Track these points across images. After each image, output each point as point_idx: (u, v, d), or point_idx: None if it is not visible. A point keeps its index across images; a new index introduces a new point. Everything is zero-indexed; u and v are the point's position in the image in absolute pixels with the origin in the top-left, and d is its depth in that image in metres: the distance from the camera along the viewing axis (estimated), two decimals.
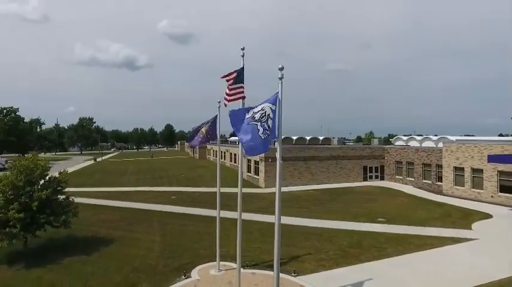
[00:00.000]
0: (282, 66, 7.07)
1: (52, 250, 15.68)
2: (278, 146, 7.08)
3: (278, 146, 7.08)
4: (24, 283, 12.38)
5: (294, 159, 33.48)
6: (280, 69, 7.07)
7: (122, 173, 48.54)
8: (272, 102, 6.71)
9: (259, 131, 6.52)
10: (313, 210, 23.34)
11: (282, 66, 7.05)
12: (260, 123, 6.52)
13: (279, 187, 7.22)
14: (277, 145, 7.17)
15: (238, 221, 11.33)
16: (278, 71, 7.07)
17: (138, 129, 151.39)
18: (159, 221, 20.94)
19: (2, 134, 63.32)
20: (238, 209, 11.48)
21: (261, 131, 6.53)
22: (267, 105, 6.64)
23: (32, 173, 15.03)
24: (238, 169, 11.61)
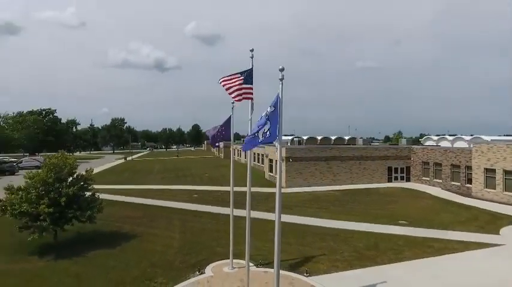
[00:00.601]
0: (283, 67, 7.18)
1: (79, 243, 16.67)
2: (278, 145, 7.21)
3: (278, 146, 7.21)
4: (52, 273, 13.29)
5: (315, 159, 33.22)
6: (280, 70, 7.19)
7: (148, 172, 50.34)
8: (271, 105, 6.85)
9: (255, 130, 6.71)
10: (332, 211, 23.11)
11: (282, 67, 7.17)
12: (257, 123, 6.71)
13: (279, 185, 7.35)
14: (277, 144, 7.29)
15: (247, 220, 11.51)
16: (279, 71, 7.20)
17: (166, 130, 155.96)
18: (179, 219, 21.60)
19: (41, 134, 67.78)
20: (247, 208, 11.68)
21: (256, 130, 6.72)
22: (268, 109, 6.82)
23: (61, 170, 16.07)
24: (247, 169, 11.80)
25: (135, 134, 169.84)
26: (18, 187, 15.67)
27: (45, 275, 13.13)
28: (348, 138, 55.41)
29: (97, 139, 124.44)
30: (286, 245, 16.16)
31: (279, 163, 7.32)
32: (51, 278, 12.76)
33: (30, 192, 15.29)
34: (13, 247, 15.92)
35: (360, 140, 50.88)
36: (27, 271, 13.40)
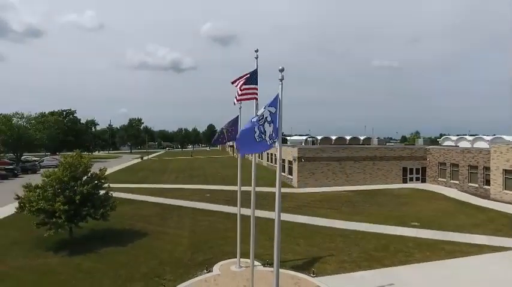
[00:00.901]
0: (282, 68, 7.22)
1: (93, 240, 17.18)
2: (278, 146, 7.26)
3: (278, 147, 7.26)
4: (65, 268, 13.76)
5: (328, 159, 32.95)
6: (280, 71, 7.22)
7: (163, 171, 51.17)
8: (272, 105, 6.90)
9: (256, 133, 6.76)
10: (343, 211, 22.90)
11: (282, 67, 7.20)
12: (257, 126, 6.75)
13: (279, 185, 7.39)
14: (277, 145, 7.34)
15: (252, 219, 11.58)
16: (278, 72, 7.23)
17: (182, 130, 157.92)
18: (190, 217, 21.92)
19: (62, 134, 70.15)
20: (252, 207, 11.73)
21: (257, 134, 6.75)
22: (267, 109, 6.85)
23: (76, 169, 16.61)
24: (252, 169, 11.88)
25: (152, 134, 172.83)
26: (36, 185, 16.31)
27: (59, 270, 13.60)
28: (363, 138, 54.57)
29: (115, 139, 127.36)
30: (294, 245, 16.20)
31: (279, 163, 7.38)
32: (64, 273, 13.21)
33: (47, 190, 15.88)
34: (31, 242, 16.55)
35: (375, 140, 50.10)
36: (43, 266, 13.93)
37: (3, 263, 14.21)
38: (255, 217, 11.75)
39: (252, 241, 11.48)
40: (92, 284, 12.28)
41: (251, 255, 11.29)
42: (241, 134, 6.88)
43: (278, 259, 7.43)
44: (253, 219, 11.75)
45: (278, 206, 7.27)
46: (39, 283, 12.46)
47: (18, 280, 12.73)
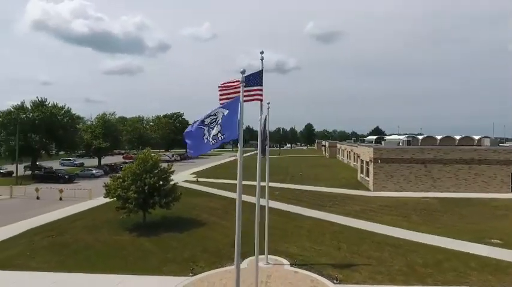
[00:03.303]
0: (244, 70, 7.49)
1: (161, 226, 19.90)
2: (239, 147, 7.52)
3: (239, 148, 7.53)
4: (130, 246, 16.53)
5: (410, 161, 29.56)
6: (241, 73, 7.50)
7: (248, 168, 53.91)
8: (226, 108, 7.24)
9: (205, 135, 7.18)
10: (412, 220, 20.50)
11: (243, 69, 7.48)
12: (207, 129, 7.17)
13: (240, 185, 7.64)
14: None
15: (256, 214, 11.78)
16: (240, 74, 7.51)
17: (280, 129, 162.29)
18: (249, 212, 22.97)
19: (172, 134, 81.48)
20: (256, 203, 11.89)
21: (206, 135, 7.17)
22: (220, 111, 7.22)
23: (146, 164, 19.60)
24: (257, 169, 12.08)
25: (253, 133, 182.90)
26: (118, 176, 19.94)
27: (125, 246, 16.44)
28: (478, 138, 46.24)
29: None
30: (334, 249, 15.59)
31: (239, 162, 7.60)
32: (127, 250, 15.91)
33: (125, 180, 19.26)
34: (117, 223, 20.09)
35: (486, 140, 42.05)
36: (116, 242, 17.03)
37: (92, 236, 17.92)
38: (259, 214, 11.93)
39: (257, 240, 11.70)
40: (141, 260, 14.51)
41: (256, 252, 11.57)
42: (189, 135, 7.38)
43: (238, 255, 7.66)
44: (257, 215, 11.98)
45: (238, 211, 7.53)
46: (107, 253, 15.37)
47: (95, 249, 15.96)
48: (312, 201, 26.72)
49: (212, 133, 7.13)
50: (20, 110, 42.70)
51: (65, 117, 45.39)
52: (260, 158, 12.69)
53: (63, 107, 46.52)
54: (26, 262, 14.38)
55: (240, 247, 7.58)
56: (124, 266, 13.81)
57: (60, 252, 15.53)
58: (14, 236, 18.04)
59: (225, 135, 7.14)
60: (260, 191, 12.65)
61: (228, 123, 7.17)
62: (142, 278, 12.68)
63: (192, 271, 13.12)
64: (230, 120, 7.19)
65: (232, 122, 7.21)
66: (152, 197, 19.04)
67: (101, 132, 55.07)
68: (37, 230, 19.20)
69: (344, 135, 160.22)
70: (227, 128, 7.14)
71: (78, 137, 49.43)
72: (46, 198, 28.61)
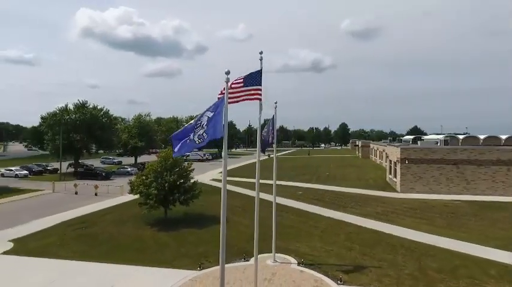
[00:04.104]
0: (228, 71, 7.77)
1: (181, 221, 20.72)
2: (224, 146, 7.81)
3: (224, 147, 7.81)
4: (150, 239, 17.47)
5: (440, 162, 28.02)
6: (226, 73, 7.78)
7: (278, 167, 54.00)
8: (211, 110, 7.55)
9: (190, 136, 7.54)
10: (436, 224, 19.55)
11: (228, 70, 7.77)
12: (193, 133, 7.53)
13: (224, 184, 7.91)
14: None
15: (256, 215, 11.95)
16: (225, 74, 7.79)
17: (313, 129, 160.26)
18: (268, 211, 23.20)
19: None
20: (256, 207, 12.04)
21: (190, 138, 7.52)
22: (205, 114, 7.55)
23: (167, 162, 20.52)
24: (257, 169, 12.24)
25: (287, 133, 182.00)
26: (141, 173, 21.07)
27: (145, 239, 17.40)
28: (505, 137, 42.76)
29: (252, 138, 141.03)
30: (346, 250, 15.37)
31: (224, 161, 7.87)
32: (146, 242, 16.84)
33: (148, 177, 20.32)
34: (141, 218, 21.25)
35: None
36: (137, 235, 18.06)
37: (117, 229, 19.13)
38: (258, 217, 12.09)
39: (256, 239, 11.87)
40: (156, 253, 15.30)
41: (255, 251, 11.72)
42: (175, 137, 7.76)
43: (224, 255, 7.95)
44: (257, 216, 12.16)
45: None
46: (128, 246, 16.36)
47: (118, 241, 17.02)
48: (334, 201, 26.33)
49: (197, 134, 7.49)
50: (63, 111, 46.28)
51: (103, 118, 48.45)
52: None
53: (102, 108, 49.65)
54: (56, 250, 15.75)
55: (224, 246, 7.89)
56: (140, 258, 14.66)
57: (86, 243, 16.81)
58: (50, 227, 19.75)
59: (209, 134, 7.46)
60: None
61: (212, 123, 7.49)
62: (152, 269, 13.41)
63: (200, 265, 13.63)
64: (214, 120, 7.51)
65: (216, 122, 7.53)
66: (172, 194, 19.91)
67: (137, 132, 57.98)
68: (70, 222, 20.86)
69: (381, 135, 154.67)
70: (210, 127, 7.47)
71: (116, 136, 52.47)
72: (83, 193, 30.84)
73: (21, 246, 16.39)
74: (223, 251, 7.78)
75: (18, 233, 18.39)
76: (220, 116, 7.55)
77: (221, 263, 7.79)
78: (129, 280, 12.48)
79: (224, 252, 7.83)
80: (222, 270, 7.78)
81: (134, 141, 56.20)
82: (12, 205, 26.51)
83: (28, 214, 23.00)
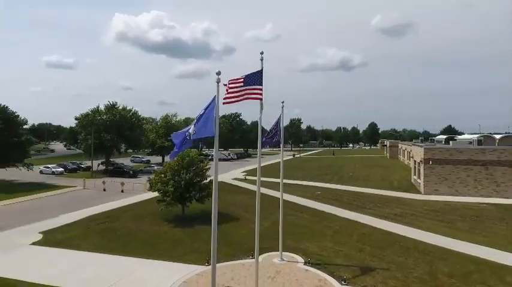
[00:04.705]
0: (219, 71, 8.03)
1: (197, 219, 21.29)
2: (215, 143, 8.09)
3: (215, 144, 8.09)
4: (165, 234, 18.17)
5: (467, 163, 26.64)
6: (217, 74, 8.06)
7: (302, 168, 53.78)
8: (203, 108, 7.87)
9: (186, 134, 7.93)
10: (456, 227, 18.73)
11: (218, 71, 8.03)
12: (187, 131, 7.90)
13: (216, 185, 8.18)
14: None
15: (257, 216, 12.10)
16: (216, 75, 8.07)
17: (341, 128, 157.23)
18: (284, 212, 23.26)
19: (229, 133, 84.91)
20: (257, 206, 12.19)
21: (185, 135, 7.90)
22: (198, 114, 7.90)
23: (184, 161, 21.20)
24: (257, 170, 12.38)
25: (314, 133, 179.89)
26: (160, 171, 21.92)
27: (160, 235, 18.13)
28: None
29: None
30: (355, 251, 15.18)
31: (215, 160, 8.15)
32: (161, 237, 17.56)
33: (166, 175, 21.12)
34: (160, 214, 22.08)
35: None
36: (154, 231, 18.84)
37: (136, 225, 20.01)
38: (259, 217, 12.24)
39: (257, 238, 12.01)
40: (169, 248, 15.92)
41: (256, 250, 11.84)
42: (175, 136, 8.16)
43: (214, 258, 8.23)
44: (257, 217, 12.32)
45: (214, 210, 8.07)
46: (144, 240, 17.12)
47: (136, 236, 17.89)
48: (352, 202, 25.90)
49: (191, 131, 7.86)
50: (95, 112, 48.90)
51: (132, 119, 50.62)
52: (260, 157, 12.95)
53: (131, 109, 51.90)
54: (79, 242, 16.83)
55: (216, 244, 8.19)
56: (153, 252, 15.33)
57: (107, 236, 17.80)
58: (77, 221, 21.08)
59: (197, 132, 7.79)
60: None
61: (203, 121, 7.81)
62: (163, 263, 14.00)
63: (208, 261, 14.02)
64: (205, 118, 7.83)
65: (207, 119, 7.83)
66: (188, 192, 20.55)
67: (164, 132, 59.94)
68: (95, 217, 22.12)
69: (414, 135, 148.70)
70: (201, 125, 7.79)
71: (144, 136, 54.62)
72: (111, 190, 32.50)
73: (49, 238, 17.67)
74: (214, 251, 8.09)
75: (48, 226, 19.81)
76: (212, 115, 7.86)
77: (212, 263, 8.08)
78: (140, 272, 13.13)
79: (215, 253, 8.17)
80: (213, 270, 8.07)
81: (161, 141, 58.15)
82: (46, 200, 28.52)
83: (59, 208, 24.65)
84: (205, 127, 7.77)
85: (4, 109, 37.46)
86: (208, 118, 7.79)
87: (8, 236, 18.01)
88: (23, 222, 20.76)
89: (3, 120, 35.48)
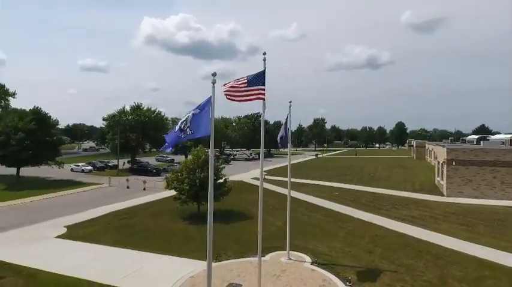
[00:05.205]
0: (215, 73, 8.30)
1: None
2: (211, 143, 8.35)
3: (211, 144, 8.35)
4: (179, 231, 18.74)
5: (493, 164, 25.31)
6: (213, 75, 8.32)
7: (322, 168, 53.23)
8: (199, 108, 8.15)
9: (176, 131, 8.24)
10: (476, 230, 17.96)
11: (214, 72, 8.29)
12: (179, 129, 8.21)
13: (211, 185, 8.43)
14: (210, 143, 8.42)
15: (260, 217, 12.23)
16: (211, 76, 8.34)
17: (366, 128, 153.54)
18: (298, 211, 23.31)
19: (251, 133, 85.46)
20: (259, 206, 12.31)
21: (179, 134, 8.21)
22: (192, 112, 8.18)
23: (199, 160, 21.74)
24: (260, 170, 12.49)
25: (339, 133, 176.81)
26: (176, 170, 22.60)
27: (176, 231, 18.72)
28: None
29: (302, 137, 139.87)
30: (365, 253, 15.00)
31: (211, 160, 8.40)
32: (176, 234, 18.13)
33: (182, 174, 21.76)
34: (177, 212, 22.75)
35: None
36: (169, 227, 19.47)
37: (153, 221, 20.79)
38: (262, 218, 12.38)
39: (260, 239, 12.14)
40: (181, 245, 16.44)
41: (258, 249, 11.98)
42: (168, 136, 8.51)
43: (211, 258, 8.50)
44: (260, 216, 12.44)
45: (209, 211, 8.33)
46: (159, 236, 17.74)
47: (151, 232, 18.57)
48: (369, 203, 25.41)
49: (182, 128, 8.17)
50: (121, 113, 50.95)
51: (155, 119, 52.27)
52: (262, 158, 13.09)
53: (155, 110, 53.59)
54: (98, 237, 17.74)
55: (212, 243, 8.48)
56: (167, 247, 15.88)
57: (124, 232, 18.63)
58: (99, 217, 22.18)
59: (194, 131, 8.10)
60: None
61: (198, 121, 8.10)
62: (173, 258, 14.51)
63: (216, 258, 14.38)
64: (200, 118, 8.12)
65: (202, 120, 8.13)
66: (203, 190, 21.03)
67: None
68: (117, 213, 23.16)
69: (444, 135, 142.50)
70: (197, 125, 8.10)
71: None
72: (134, 187, 33.82)
73: (72, 231, 18.76)
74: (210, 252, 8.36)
75: (72, 221, 21.01)
76: (207, 115, 8.14)
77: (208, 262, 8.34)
78: (150, 266, 13.69)
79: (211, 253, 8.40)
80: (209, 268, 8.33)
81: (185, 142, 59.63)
82: (74, 196, 30.19)
83: (84, 204, 26.04)
84: (202, 127, 8.07)
85: (37, 111, 39.91)
86: (204, 118, 8.09)
87: (37, 229, 19.31)
88: (52, 216, 22.16)
89: (36, 121, 37.81)
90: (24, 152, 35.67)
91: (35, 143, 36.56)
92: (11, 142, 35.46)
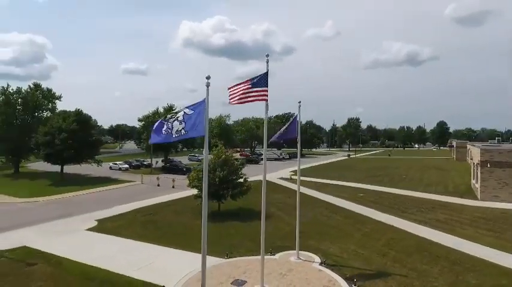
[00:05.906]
0: (209, 76, 8.68)
1: (230, 214, 22.26)
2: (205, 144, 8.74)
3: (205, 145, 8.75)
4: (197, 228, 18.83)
5: None
6: (207, 78, 8.71)
7: (352, 169, 52.00)
8: (192, 109, 8.58)
9: (163, 127, 8.69)
10: (504, 237, 16.89)
11: (208, 75, 8.68)
12: (167, 123, 8.65)
13: (205, 183, 8.83)
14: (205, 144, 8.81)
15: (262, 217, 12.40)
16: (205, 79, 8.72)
17: (404, 128, 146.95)
18: (317, 211, 23.21)
19: None
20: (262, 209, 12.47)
21: (164, 128, 8.65)
22: (183, 110, 8.61)
23: (218, 159, 22.38)
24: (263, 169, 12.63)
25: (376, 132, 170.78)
26: (198, 169, 23.42)
27: (194, 228, 19.40)
28: None
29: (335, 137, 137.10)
30: (378, 255, 14.72)
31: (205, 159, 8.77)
32: (194, 230, 18.81)
33: (202, 172, 22.55)
34: (197, 209, 23.55)
35: None
36: (189, 224, 20.29)
37: (175, 218, 21.77)
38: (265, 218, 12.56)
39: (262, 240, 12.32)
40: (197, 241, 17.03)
41: (262, 249, 12.16)
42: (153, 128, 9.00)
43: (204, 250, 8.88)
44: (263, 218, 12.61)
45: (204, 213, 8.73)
46: (178, 232, 18.62)
47: (171, 228, 19.50)
48: (393, 206, 24.59)
49: (175, 129, 8.62)
50: (155, 114, 53.42)
51: None
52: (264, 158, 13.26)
53: None
54: (122, 231, 18.95)
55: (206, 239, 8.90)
56: (183, 243, 16.60)
57: (147, 227, 19.72)
58: (127, 212, 23.60)
59: (188, 132, 8.55)
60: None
61: (192, 122, 8.54)
62: (186, 253, 15.17)
63: (227, 254, 14.83)
64: (194, 119, 8.55)
65: (197, 121, 8.55)
66: (222, 189, 21.68)
67: (217, 132, 62.90)
68: (143, 209, 24.50)
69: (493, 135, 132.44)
70: (191, 126, 8.53)
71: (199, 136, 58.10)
72: (164, 185, 35.43)
73: (101, 225, 20.20)
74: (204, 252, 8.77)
75: (103, 215, 22.59)
76: (201, 116, 8.55)
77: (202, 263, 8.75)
78: (164, 260, 14.46)
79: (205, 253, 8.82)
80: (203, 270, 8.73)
81: (214, 141, 61.05)
82: (108, 192, 32.31)
83: (116, 200, 27.79)
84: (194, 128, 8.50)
85: (79, 112, 43.11)
86: (197, 120, 8.51)
87: (71, 222, 21.04)
88: (86, 210, 23.99)
89: (78, 122, 40.87)
90: (67, 151, 38.73)
91: (77, 143, 39.53)
92: (55, 142, 38.69)
